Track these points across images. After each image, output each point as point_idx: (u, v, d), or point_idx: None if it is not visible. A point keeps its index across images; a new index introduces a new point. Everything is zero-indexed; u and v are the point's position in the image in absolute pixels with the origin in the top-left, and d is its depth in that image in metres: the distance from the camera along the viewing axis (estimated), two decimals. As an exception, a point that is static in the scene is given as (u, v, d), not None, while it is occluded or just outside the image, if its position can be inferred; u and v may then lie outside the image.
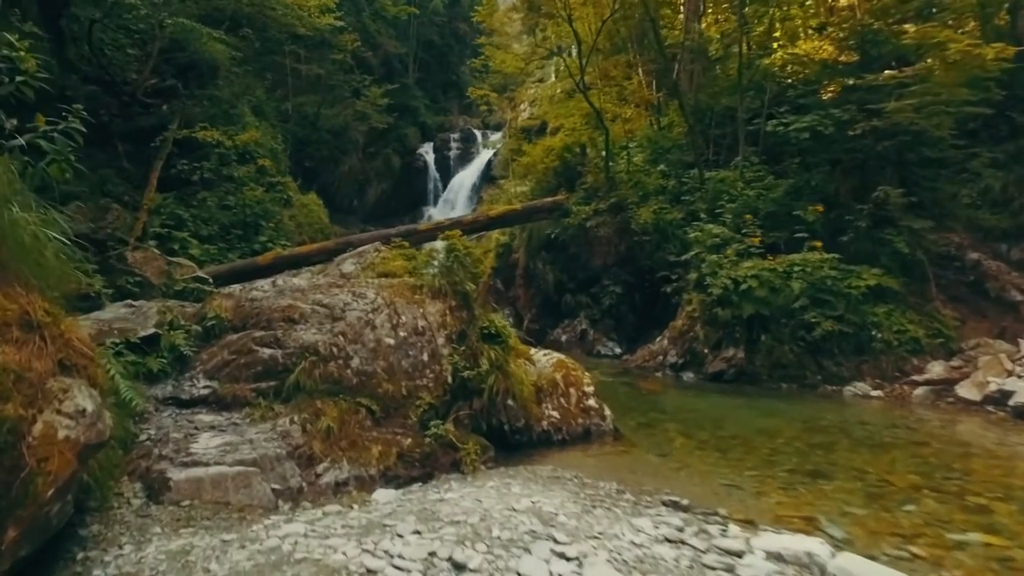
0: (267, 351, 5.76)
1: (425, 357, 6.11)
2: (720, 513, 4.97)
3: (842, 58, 11.74)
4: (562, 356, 8.29)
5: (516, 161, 17.66)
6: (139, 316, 6.15)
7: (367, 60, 26.94)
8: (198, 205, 14.34)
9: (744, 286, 10.80)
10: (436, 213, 28.13)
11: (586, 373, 8.02)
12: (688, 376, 11.46)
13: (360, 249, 11.31)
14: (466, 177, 29.78)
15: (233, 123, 15.88)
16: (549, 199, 15.56)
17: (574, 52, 20.08)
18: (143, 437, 4.94)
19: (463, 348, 6.38)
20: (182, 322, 6.41)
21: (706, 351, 11.38)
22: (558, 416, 7.12)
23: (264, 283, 7.16)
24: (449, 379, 6.14)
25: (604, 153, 14.80)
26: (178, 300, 8.75)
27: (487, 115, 30.88)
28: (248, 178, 15.22)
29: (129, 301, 6.33)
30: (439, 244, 10.66)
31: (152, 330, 5.95)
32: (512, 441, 6.62)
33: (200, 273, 9.27)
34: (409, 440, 5.60)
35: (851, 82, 11.50)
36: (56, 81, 12.92)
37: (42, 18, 12.34)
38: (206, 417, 5.36)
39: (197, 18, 15.72)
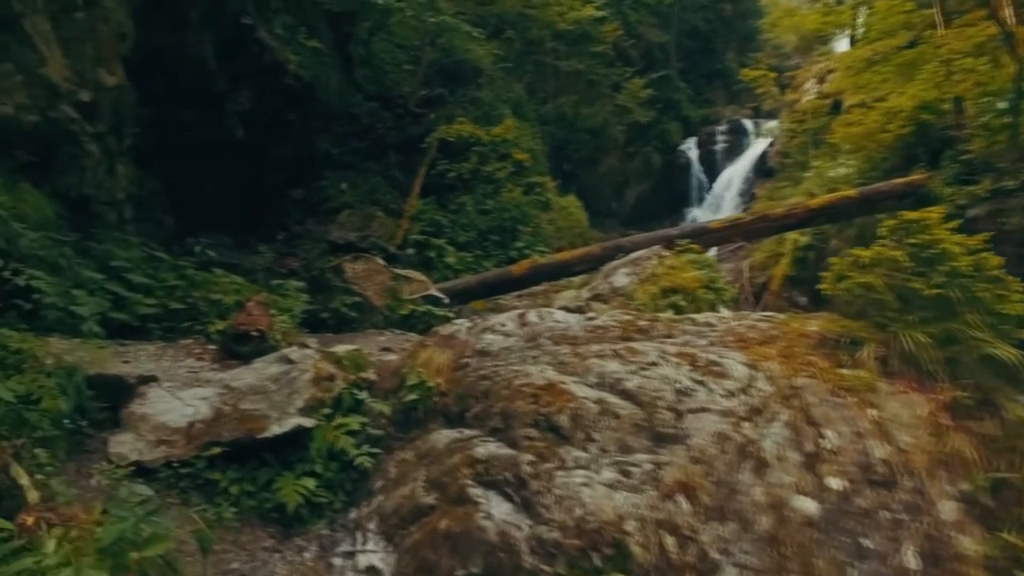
0: (497, 513, 2.15)
1: (910, 560, 1.95)
2: None
3: None
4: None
5: (845, 130, 12.09)
6: (286, 385, 3.07)
7: (627, 51, 23.34)
8: (456, 210, 12.98)
9: None
10: (700, 214, 23.49)
11: None
12: None
13: (635, 255, 7.76)
14: (735, 173, 24.59)
15: (494, 125, 14.45)
16: (899, 180, 9.97)
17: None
18: None
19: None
20: (362, 393, 3.21)
21: None
22: None
23: (506, 318, 3.72)
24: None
25: (1009, 105, 8.76)
26: (402, 331, 5.92)
27: (762, 100, 25.01)
28: (506, 178, 13.18)
29: (288, 352, 3.41)
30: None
31: (295, 422, 2.80)
32: None
33: (433, 291, 6.29)
34: None
35: None
36: (345, 100, 12.55)
37: (334, 45, 12.20)
38: None
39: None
